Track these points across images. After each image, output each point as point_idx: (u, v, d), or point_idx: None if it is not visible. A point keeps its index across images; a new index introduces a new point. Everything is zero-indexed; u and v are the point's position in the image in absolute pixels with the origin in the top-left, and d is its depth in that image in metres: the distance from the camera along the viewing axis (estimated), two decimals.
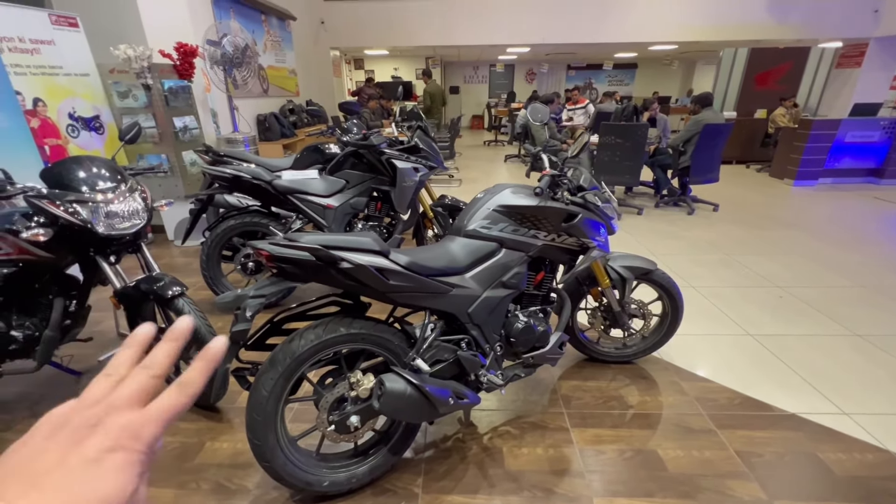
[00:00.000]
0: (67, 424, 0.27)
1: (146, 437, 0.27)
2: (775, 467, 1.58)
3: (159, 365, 0.30)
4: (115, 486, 0.25)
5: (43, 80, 3.01)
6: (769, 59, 8.11)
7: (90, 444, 0.26)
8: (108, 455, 0.26)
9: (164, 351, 0.31)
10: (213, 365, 0.31)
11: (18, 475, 0.25)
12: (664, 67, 13.87)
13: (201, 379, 0.31)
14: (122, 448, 0.26)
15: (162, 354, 0.31)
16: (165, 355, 0.31)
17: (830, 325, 2.55)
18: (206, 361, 0.31)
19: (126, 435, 0.27)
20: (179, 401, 0.29)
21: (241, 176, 2.47)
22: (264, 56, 5.80)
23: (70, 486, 0.24)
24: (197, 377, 0.30)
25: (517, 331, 1.60)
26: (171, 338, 0.32)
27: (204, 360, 0.31)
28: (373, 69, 12.39)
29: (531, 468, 1.59)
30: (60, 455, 0.25)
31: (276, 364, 1.31)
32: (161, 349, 0.31)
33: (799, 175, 6.15)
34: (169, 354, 0.31)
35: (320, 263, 1.25)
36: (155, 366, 0.30)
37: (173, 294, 1.70)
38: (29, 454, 0.26)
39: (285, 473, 1.35)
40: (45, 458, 0.25)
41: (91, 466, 0.25)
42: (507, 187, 1.62)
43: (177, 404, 0.29)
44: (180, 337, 0.32)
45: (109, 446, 0.26)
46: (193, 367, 0.31)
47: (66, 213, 1.56)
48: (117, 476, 0.26)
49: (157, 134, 3.59)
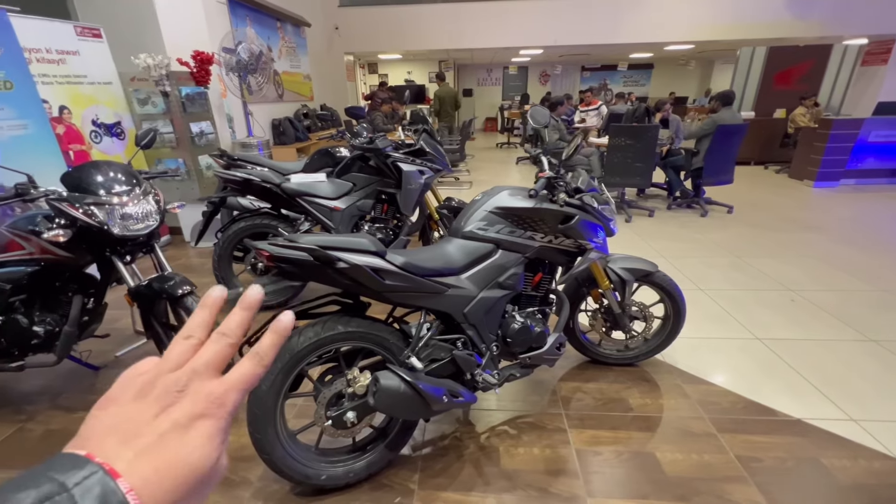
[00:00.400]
0: (154, 386, 0.28)
1: (229, 404, 0.28)
2: (776, 472, 1.56)
3: (234, 333, 0.31)
4: (204, 453, 0.26)
5: (68, 89, 3.16)
6: (789, 57, 7.91)
7: (179, 409, 0.27)
8: (197, 422, 0.27)
9: (238, 319, 0.31)
10: (283, 338, 0.32)
11: (115, 434, 0.25)
12: (681, 67, 13.66)
13: (273, 351, 0.31)
14: (210, 415, 0.27)
15: (236, 323, 0.31)
16: (239, 324, 0.31)
17: (844, 329, 2.48)
18: (276, 334, 0.32)
19: (212, 402, 0.28)
20: (255, 370, 0.30)
21: (251, 179, 2.55)
22: (279, 62, 5.95)
23: (162, 452, 0.25)
24: (269, 348, 0.31)
25: (513, 331, 1.61)
26: (244, 306, 0.32)
27: (275, 333, 0.32)
28: (386, 73, 12.54)
29: (527, 467, 1.60)
30: (151, 418, 0.26)
31: (276, 360, 1.36)
32: (235, 317, 0.31)
33: (819, 176, 5.98)
34: (242, 323, 0.31)
35: (318, 263, 1.30)
36: (232, 334, 0.30)
37: (183, 292, 1.77)
38: (122, 414, 0.26)
39: (284, 466, 1.40)
40: (137, 420, 0.26)
41: (181, 432, 0.26)
42: (505, 189, 1.64)
43: (253, 373, 0.30)
44: (252, 306, 0.32)
45: (198, 413, 0.27)
46: (265, 339, 0.31)
47: (84, 215, 1.65)
48: (205, 443, 0.27)
49: (175, 139, 3.73)
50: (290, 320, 0.33)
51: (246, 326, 0.32)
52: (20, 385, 2.13)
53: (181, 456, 0.25)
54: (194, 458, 0.26)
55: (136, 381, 0.28)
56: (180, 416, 0.27)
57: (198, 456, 0.26)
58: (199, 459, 0.26)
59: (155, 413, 0.26)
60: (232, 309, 0.32)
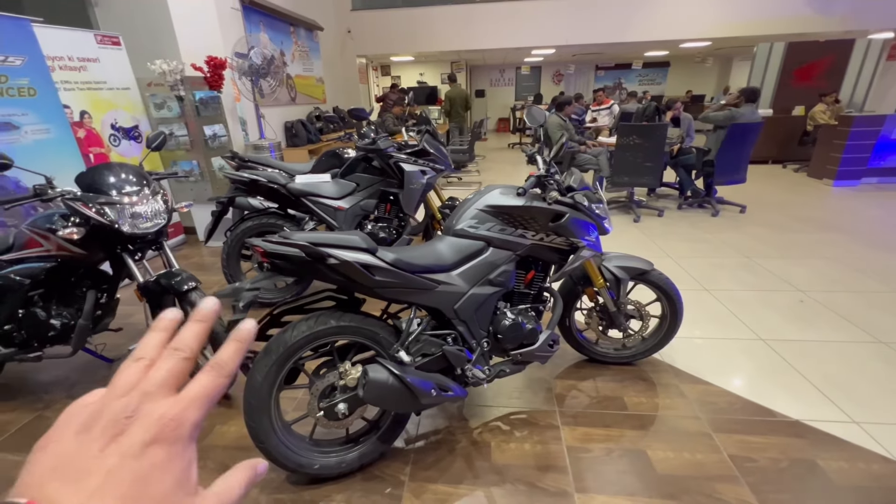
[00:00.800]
0: (100, 417, 0.25)
1: (187, 423, 0.26)
2: (769, 473, 1.54)
3: (188, 347, 0.29)
4: (164, 482, 0.24)
5: (89, 95, 3.31)
6: (808, 52, 7.69)
7: (128, 438, 0.24)
8: (151, 449, 0.24)
9: (192, 332, 0.29)
10: (245, 345, 0.30)
11: (58, 476, 0.23)
12: (698, 65, 13.40)
13: (235, 358, 0.29)
14: (165, 439, 0.25)
15: (190, 335, 0.29)
16: (193, 336, 0.29)
17: (853, 330, 2.42)
18: (238, 342, 0.30)
19: (166, 424, 0.25)
20: (216, 382, 0.28)
21: (258, 180, 2.63)
22: (292, 65, 6.08)
23: (116, 489, 0.23)
24: (231, 357, 0.29)
25: (504, 328, 1.64)
26: (197, 318, 0.30)
27: (237, 341, 0.30)
28: (399, 75, 12.65)
29: (517, 462, 1.62)
30: (98, 452, 0.24)
31: (271, 353, 1.41)
32: (188, 330, 0.30)
33: (839, 175, 5.81)
34: (197, 335, 0.29)
35: (309, 259, 1.35)
36: (184, 347, 0.29)
37: (188, 288, 1.85)
38: (64, 452, 0.24)
39: (278, 454, 1.45)
40: (82, 457, 0.23)
41: (133, 464, 0.24)
42: (496, 188, 1.67)
43: (214, 386, 0.28)
44: (207, 318, 0.30)
45: (150, 439, 0.24)
46: (226, 347, 0.30)
47: (96, 214, 1.74)
48: (164, 472, 0.24)
49: (189, 142, 3.86)
50: (250, 328, 0.31)
51: (202, 339, 0.30)
52: (38, 375, 2.24)
53: (138, 490, 0.23)
54: (155, 491, 0.24)
55: (80, 413, 0.26)
56: (130, 446, 0.24)
57: (159, 488, 0.24)
58: (161, 491, 0.24)
59: (101, 446, 0.24)
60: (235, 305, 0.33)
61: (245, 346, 0.30)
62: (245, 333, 0.31)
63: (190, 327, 0.30)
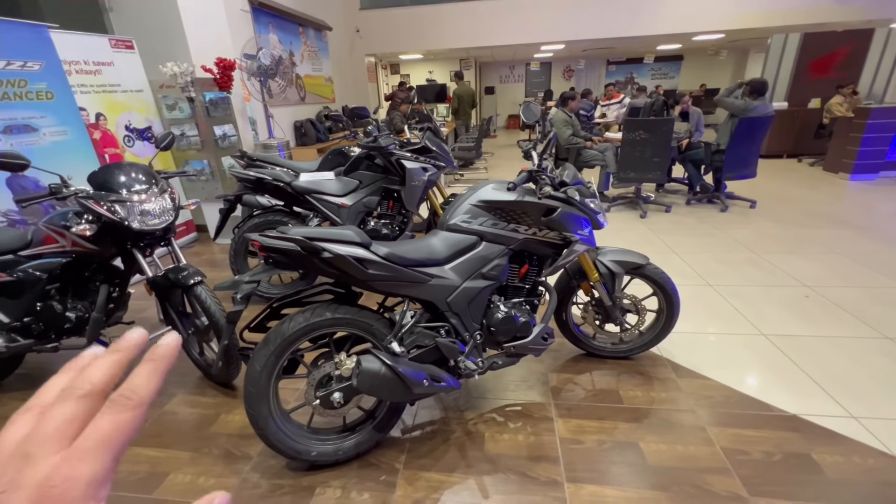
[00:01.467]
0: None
1: (80, 482, 0.21)
2: (761, 465, 1.55)
3: (88, 382, 0.23)
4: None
5: (104, 97, 3.43)
6: (825, 43, 7.48)
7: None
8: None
9: (100, 365, 0.24)
10: (163, 365, 0.25)
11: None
12: (712, 58, 13.14)
13: (150, 384, 0.24)
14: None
15: (96, 369, 0.24)
16: (99, 370, 0.24)
17: (858, 326, 2.38)
18: (154, 362, 0.25)
19: (47, 492, 0.20)
20: (117, 419, 0.22)
21: (264, 178, 2.70)
22: (302, 65, 6.17)
23: None
24: (144, 381, 0.24)
25: (497, 321, 1.67)
26: (114, 349, 0.25)
27: (152, 361, 0.25)
28: (408, 73, 12.70)
29: (509, 453, 1.66)
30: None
31: (269, 343, 1.47)
32: (97, 363, 0.24)
33: (856, 168, 5.66)
34: (105, 368, 0.24)
35: (304, 253, 1.40)
36: (81, 384, 0.23)
37: (194, 282, 1.92)
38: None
39: (277, 441, 1.51)
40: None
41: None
42: (489, 183, 1.70)
43: (116, 425, 0.22)
44: (126, 349, 0.25)
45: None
46: (139, 371, 0.24)
47: (107, 211, 1.82)
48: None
49: (200, 142, 3.96)
50: (171, 345, 0.26)
51: (112, 373, 0.24)
52: (55, 366, 2.34)
53: None
54: None
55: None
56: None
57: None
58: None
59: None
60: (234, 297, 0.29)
61: (164, 366, 0.25)
62: (164, 350, 0.26)
63: (100, 360, 0.25)
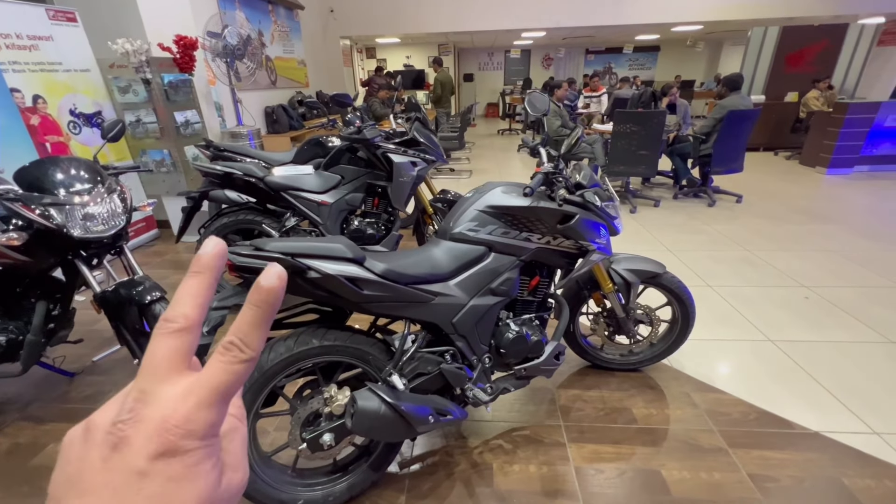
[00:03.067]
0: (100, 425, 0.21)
1: (198, 428, 0.21)
2: (792, 494, 1.44)
3: (180, 315, 0.22)
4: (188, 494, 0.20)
5: (42, 77, 2.99)
6: (802, 37, 7.59)
7: (131, 449, 0.20)
8: (159, 463, 0.20)
9: (186, 292, 0.22)
10: (270, 314, 0.23)
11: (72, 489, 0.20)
12: (688, 50, 13.25)
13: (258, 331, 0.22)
14: (173, 451, 0.20)
15: (184, 298, 0.22)
16: (187, 298, 0.22)
17: (862, 330, 2.33)
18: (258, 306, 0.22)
19: (169, 433, 0.20)
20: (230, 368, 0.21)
21: (233, 173, 2.40)
22: (272, 47, 5.73)
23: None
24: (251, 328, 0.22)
25: (507, 341, 1.48)
26: (194, 270, 0.23)
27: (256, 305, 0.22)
28: (385, 58, 12.22)
29: (521, 488, 1.49)
30: (101, 464, 0.20)
31: None
32: (182, 290, 0.23)
33: (832, 163, 5.76)
34: (195, 296, 0.22)
35: (287, 273, 1.16)
36: (175, 317, 0.22)
37: (151, 299, 1.65)
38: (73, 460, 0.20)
39: (255, 492, 1.29)
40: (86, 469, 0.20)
41: (142, 481, 0.19)
42: (498, 186, 1.49)
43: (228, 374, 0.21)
44: (207, 267, 0.23)
45: (154, 452, 0.20)
46: (243, 317, 0.22)
47: (40, 217, 1.52)
48: (179, 489, 0.20)
49: (159, 129, 3.57)
50: (275, 277, 0.23)
51: (202, 298, 0.23)
52: None
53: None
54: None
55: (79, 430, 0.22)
56: (134, 460, 0.20)
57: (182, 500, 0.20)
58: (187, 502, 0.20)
59: (103, 456, 0.20)
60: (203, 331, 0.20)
61: (271, 315, 0.23)
62: (268, 296, 0.22)
63: (184, 286, 0.23)
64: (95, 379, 2.13)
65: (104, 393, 2.03)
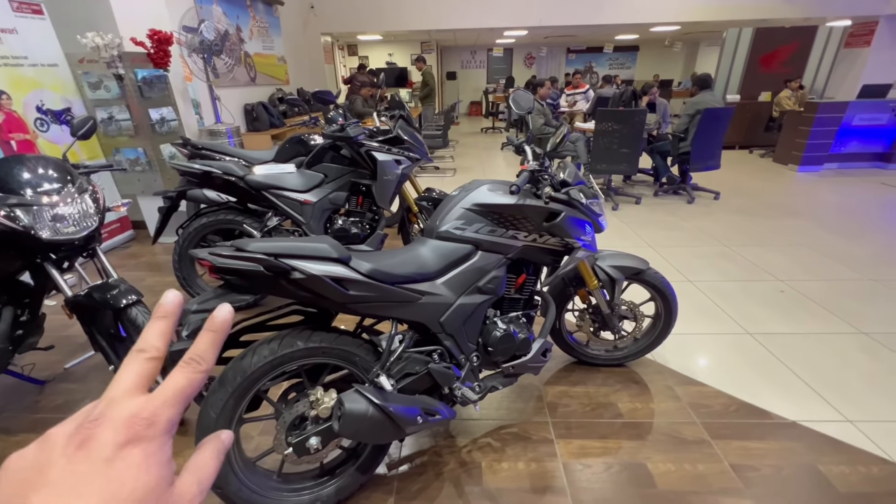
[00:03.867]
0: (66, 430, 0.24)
1: (162, 422, 0.25)
2: (772, 482, 1.48)
3: (152, 346, 0.27)
4: (140, 482, 0.23)
5: (6, 72, 2.86)
6: (775, 39, 7.82)
7: (98, 442, 0.23)
8: (124, 450, 0.23)
9: (156, 331, 0.28)
10: (222, 335, 0.29)
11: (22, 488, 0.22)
12: (666, 50, 13.51)
13: (212, 351, 0.28)
14: (139, 439, 0.23)
15: (154, 335, 0.28)
16: (156, 335, 0.28)
17: (834, 321, 2.42)
18: (213, 332, 0.29)
19: (138, 423, 0.24)
20: (191, 378, 0.27)
21: (212, 171, 2.33)
22: (251, 43, 5.60)
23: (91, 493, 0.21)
24: (206, 348, 0.28)
25: (495, 339, 1.48)
26: (159, 315, 0.29)
27: (212, 332, 0.29)
28: (367, 55, 12.09)
29: (511, 485, 1.49)
30: (65, 462, 0.22)
31: (226, 384, 1.19)
32: (152, 328, 0.28)
33: (804, 160, 5.96)
34: (162, 334, 0.28)
35: (270, 274, 1.13)
36: (150, 348, 0.27)
37: (127, 303, 1.59)
38: (29, 467, 0.23)
39: (239, 500, 1.25)
40: (49, 469, 0.22)
41: (107, 467, 0.22)
42: (484, 184, 1.49)
43: (189, 382, 0.27)
44: (169, 313, 0.29)
45: (122, 440, 0.23)
46: (201, 339, 0.28)
47: (5, 219, 1.44)
48: (139, 472, 0.23)
49: (133, 126, 3.45)
50: (227, 314, 0.30)
51: (167, 337, 0.28)
52: None
53: (111, 493, 0.22)
54: (135, 492, 0.22)
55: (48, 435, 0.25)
56: (101, 449, 0.23)
57: (138, 488, 0.22)
58: (141, 491, 0.22)
59: (71, 455, 0.23)
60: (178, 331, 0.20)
61: (221, 337, 0.29)
62: (220, 322, 0.29)
63: (154, 325, 0.28)
64: (67, 387, 2.05)
65: (76, 401, 1.95)
